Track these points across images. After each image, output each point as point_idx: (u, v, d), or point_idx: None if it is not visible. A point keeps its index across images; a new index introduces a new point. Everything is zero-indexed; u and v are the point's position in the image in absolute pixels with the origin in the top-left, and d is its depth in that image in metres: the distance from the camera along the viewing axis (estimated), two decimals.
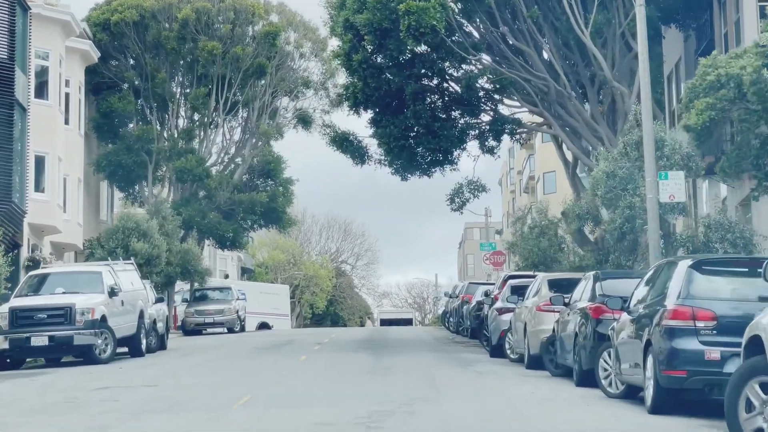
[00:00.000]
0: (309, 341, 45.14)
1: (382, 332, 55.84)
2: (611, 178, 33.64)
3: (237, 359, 33.61)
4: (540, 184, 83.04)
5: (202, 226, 63.90)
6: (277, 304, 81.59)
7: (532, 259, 54.54)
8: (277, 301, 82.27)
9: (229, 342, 46.56)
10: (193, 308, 60.01)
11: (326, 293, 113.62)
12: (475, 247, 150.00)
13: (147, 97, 65.00)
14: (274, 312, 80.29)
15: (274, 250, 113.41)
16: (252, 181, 67.92)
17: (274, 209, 66.28)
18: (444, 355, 34.06)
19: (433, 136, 38.55)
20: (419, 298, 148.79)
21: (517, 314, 29.53)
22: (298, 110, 69.40)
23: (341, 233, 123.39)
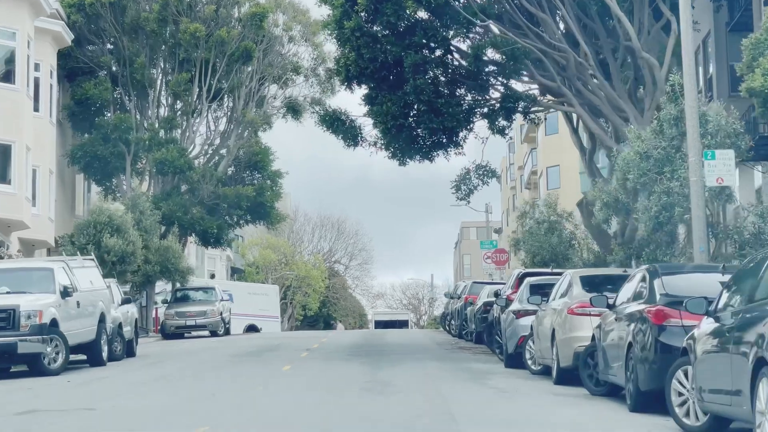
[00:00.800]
0: (297, 346, 40.11)
1: (377, 336, 50.81)
2: (645, 159, 28.57)
3: (209, 370, 28.53)
4: (543, 179, 78.03)
5: (183, 221, 58.78)
6: (267, 305, 76.38)
7: (541, 256, 49.55)
8: (267, 302, 77.00)
9: (209, 347, 41.49)
10: (173, 310, 54.89)
11: (319, 294, 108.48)
12: (472, 246, 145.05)
13: (125, 84, 59.90)
14: (263, 314, 75.09)
15: (265, 249, 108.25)
16: (238, 173, 62.81)
17: (261, 204, 61.18)
18: (451, 364, 28.98)
19: (436, 114, 33.25)
20: (414, 299, 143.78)
21: (539, 318, 24.46)
22: (287, 98, 64.28)
23: (334, 232, 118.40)
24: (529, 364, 25.44)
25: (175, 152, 58.17)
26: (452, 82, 34.84)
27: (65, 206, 57.19)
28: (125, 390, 22.91)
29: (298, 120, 63.92)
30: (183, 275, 56.06)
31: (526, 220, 54.71)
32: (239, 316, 71.49)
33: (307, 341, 44.51)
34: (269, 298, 77.75)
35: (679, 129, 28.12)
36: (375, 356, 32.79)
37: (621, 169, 29.09)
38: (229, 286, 76.21)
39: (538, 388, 21.62)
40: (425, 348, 38.68)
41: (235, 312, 71.25)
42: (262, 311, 74.93)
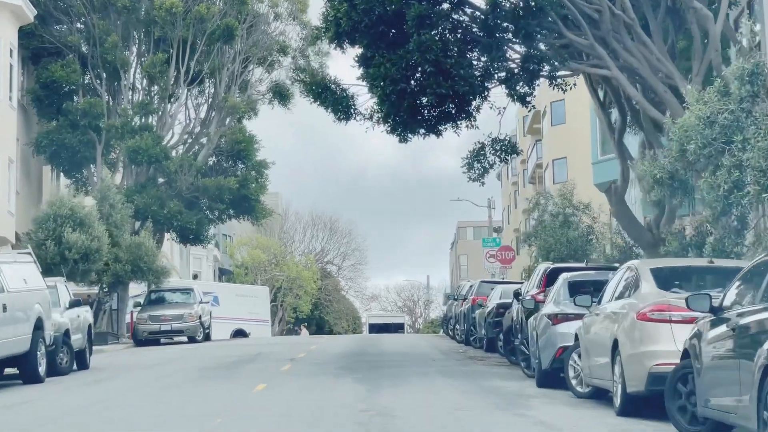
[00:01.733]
0: (280, 355, 34.10)
1: (373, 342, 44.74)
2: (708, 126, 22.51)
3: (164, 389, 22.45)
4: (549, 172, 71.99)
5: (159, 216, 52.64)
6: (256, 308, 69.98)
7: (558, 252, 43.52)
8: (256, 304, 70.54)
9: (180, 357, 35.44)
10: (146, 314, 48.77)
11: (310, 296, 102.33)
12: (469, 247, 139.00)
13: (96, 66, 53.79)
14: (252, 317, 68.74)
15: (254, 249, 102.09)
16: (219, 164, 56.65)
17: (245, 197, 55.03)
18: (467, 382, 22.89)
19: (445, 77, 26.93)
20: (409, 301, 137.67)
21: (587, 324, 18.39)
22: (273, 83, 58.13)
23: (327, 231, 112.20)
24: (573, 385, 19.32)
25: (149, 140, 52.07)
26: (464, 41, 28.59)
27: (30, 200, 51.15)
28: (43, 420, 16.84)
29: (285, 106, 57.84)
30: (157, 275, 49.90)
31: (538, 213, 48.75)
32: (225, 320, 65.36)
33: (294, 349, 38.48)
34: (259, 300, 71.40)
35: (755, 88, 22.08)
36: (371, 370, 26.74)
37: (678, 139, 23.00)
38: (214, 287, 70.05)
39: (597, 422, 15.54)
40: (429, 358, 32.62)
41: (221, 316, 65.21)
42: (251, 315, 68.62)
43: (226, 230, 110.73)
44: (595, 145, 57.13)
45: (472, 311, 40.50)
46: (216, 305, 66.23)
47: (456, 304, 47.48)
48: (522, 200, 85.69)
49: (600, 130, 57.79)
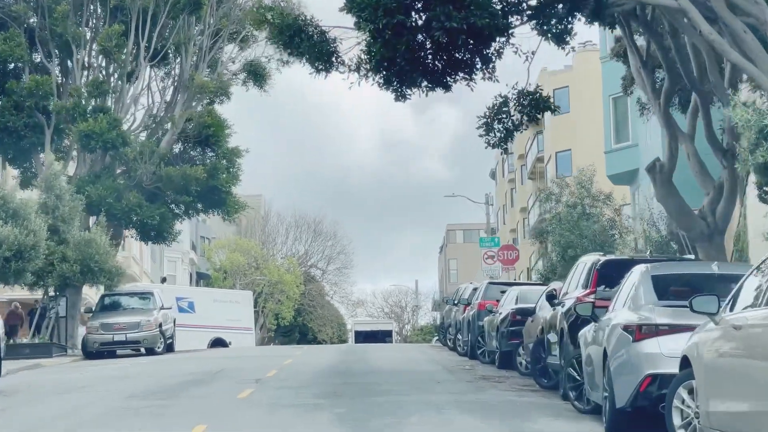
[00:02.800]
0: (246, 373, 26.90)
1: (360, 354, 37.47)
2: None
3: None
4: (551, 166, 64.77)
5: (116, 210, 45.24)
6: (237, 314, 62.04)
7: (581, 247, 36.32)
8: (238, 310, 62.54)
9: (120, 376, 28.12)
10: (97, 321, 41.38)
11: (293, 301, 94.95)
12: (458, 250, 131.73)
13: (44, 40, 46.47)
14: (233, 325, 60.98)
15: (233, 252, 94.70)
16: (186, 152, 49.18)
17: (214, 189, 47.58)
18: (497, 420, 15.61)
19: (458, 7, 19.68)
20: (397, 307, 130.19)
21: (715, 343, 10.99)
22: (247, 62, 50.78)
23: (310, 233, 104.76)
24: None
25: (104, 123, 44.66)
26: None
27: None
28: None
29: (261, 87, 50.48)
30: (111, 277, 42.53)
31: (551, 204, 41.56)
32: (202, 329, 58.07)
33: (265, 364, 31.20)
34: (241, 306, 63.38)
35: None
36: (358, 398, 19.42)
37: None
38: (189, 292, 62.50)
39: None
40: (432, 378, 25.31)
41: (197, 324, 57.98)
42: (232, 322, 60.88)
43: (205, 232, 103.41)
44: (608, 132, 49.95)
45: (479, 318, 33.26)
46: (191, 312, 58.85)
47: (456, 310, 40.22)
48: (520, 198, 78.42)
49: (614, 116, 50.71)
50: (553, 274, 39.17)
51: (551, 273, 39.19)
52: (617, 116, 50.94)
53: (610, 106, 51.07)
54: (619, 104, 50.97)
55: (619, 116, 50.78)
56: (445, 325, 45.45)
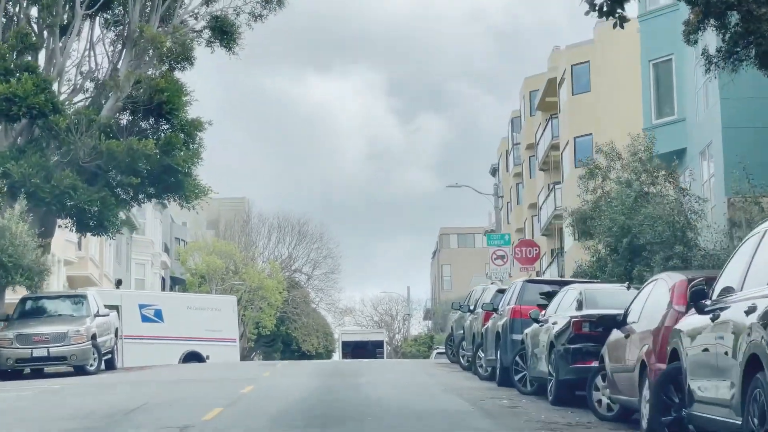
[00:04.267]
0: (175, 413, 17.44)
1: (347, 377, 27.60)
2: None
3: None
4: (569, 153, 54.97)
5: (44, 192, 35.33)
6: (218, 323, 51.14)
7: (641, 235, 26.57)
8: (218, 319, 51.51)
9: None
10: (13, 332, 31.53)
11: (275, 309, 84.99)
12: (452, 255, 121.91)
13: None
14: (212, 336, 50.53)
15: (209, 254, 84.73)
16: (135, 123, 39.10)
17: (169, 169, 37.64)
18: None
19: None
20: (387, 315, 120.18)
21: None
22: (212, 17, 40.84)
23: (295, 235, 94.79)
24: None
25: (30, 84, 34.86)
26: None
27: None
28: None
29: (230, 50, 40.58)
30: (30, 275, 32.64)
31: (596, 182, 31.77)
32: (172, 342, 48.10)
33: (216, 392, 21.54)
34: (222, 314, 52.20)
35: None
36: None
37: None
38: (155, 299, 52.13)
39: None
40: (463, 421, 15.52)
41: (165, 335, 48.19)
42: (211, 332, 50.26)
43: (181, 233, 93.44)
44: (647, 106, 40.39)
45: (513, 330, 23.48)
46: (158, 321, 48.79)
47: (472, 318, 30.40)
48: (528, 194, 68.51)
49: (655, 86, 41.26)
50: (601, 272, 29.41)
51: (599, 270, 29.44)
52: (659, 86, 41.49)
53: (650, 74, 41.71)
54: (661, 71, 41.55)
55: (662, 86, 41.27)
56: (454, 338, 35.60)
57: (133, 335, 47.86)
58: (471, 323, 30.47)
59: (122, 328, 46.88)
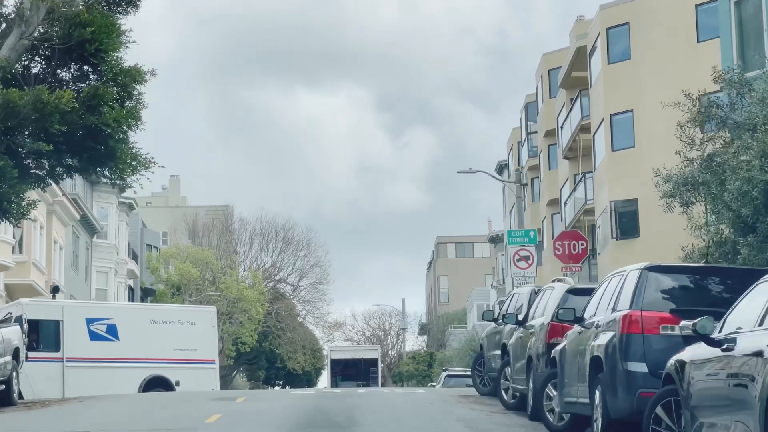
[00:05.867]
0: None
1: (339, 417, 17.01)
2: None
3: None
4: (603, 135, 44.40)
5: None
6: (192, 340, 39.28)
7: None
8: (192, 335, 39.58)
9: None
10: None
11: (256, 323, 74.21)
12: (450, 266, 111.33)
13: None
14: (185, 356, 38.96)
15: (183, 262, 73.98)
16: (50, 70, 28.40)
17: (96, 132, 26.97)
18: None
19: None
20: (380, 330, 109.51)
21: None
22: None
23: (279, 242, 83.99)
24: None
25: None
26: None
27: None
28: None
29: None
30: None
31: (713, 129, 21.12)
32: (130, 364, 36.90)
33: None
34: (197, 329, 40.00)
35: None
36: None
37: None
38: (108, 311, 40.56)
39: None
40: None
41: (122, 357, 37.25)
42: (183, 352, 38.48)
43: (152, 239, 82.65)
44: (728, 57, 30.28)
45: (627, 353, 12.86)
46: (112, 339, 37.67)
47: (523, 334, 19.79)
48: (548, 188, 57.78)
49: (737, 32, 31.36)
50: (725, 259, 18.86)
51: (723, 256, 18.88)
52: (743, 32, 31.49)
53: (732, 15, 31.59)
54: (745, 11, 31.50)
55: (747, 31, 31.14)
56: (486, 360, 24.92)
57: (79, 357, 37.04)
58: (523, 341, 19.85)
59: (64, 349, 36.59)
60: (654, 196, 43.28)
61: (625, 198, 43.63)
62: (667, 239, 41.33)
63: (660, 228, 42.28)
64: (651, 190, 43.59)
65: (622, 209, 43.73)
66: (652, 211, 42.78)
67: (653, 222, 42.60)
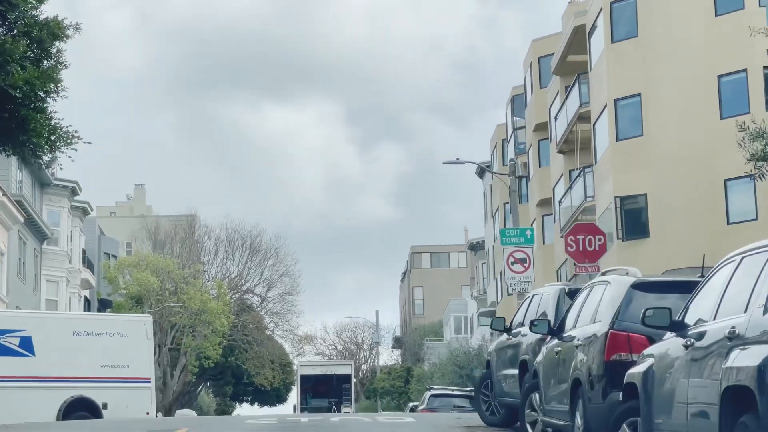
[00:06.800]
0: None
1: None
2: None
3: None
4: (606, 123, 38.85)
5: None
6: (122, 356, 33.15)
7: None
8: (123, 350, 33.43)
9: None
10: None
11: (220, 336, 68.19)
12: (425, 276, 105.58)
13: None
14: (115, 374, 32.90)
15: (142, 271, 67.87)
16: None
17: (2, 96, 21.24)
18: None
19: None
20: (352, 343, 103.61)
21: None
22: None
23: (246, 250, 77.96)
24: None
25: None
26: None
27: None
28: None
29: None
30: None
31: None
32: (49, 383, 30.67)
33: None
34: (129, 342, 34.05)
35: None
36: None
37: None
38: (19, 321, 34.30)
39: None
40: None
41: (38, 375, 31.14)
42: (113, 369, 32.43)
43: (110, 248, 76.54)
44: None
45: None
46: (25, 354, 31.46)
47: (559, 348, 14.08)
48: (538, 187, 52.13)
49: None
50: None
51: None
52: None
53: None
54: None
55: None
56: (496, 382, 19.15)
57: None
58: (562, 358, 14.11)
59: None
60: (667, 190, 38.01)
61: (632, 193, 38.11)
62: (682, 240, 35.88)
63: (674, 227, 36.80)
64: (662, 183, 38.23)
65: (628, 206, 38.21)
66: (664, 208, 37.33)
67: (666, 220, 37.12)
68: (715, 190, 36.50)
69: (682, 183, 36.90)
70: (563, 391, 13.76)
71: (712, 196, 36.49)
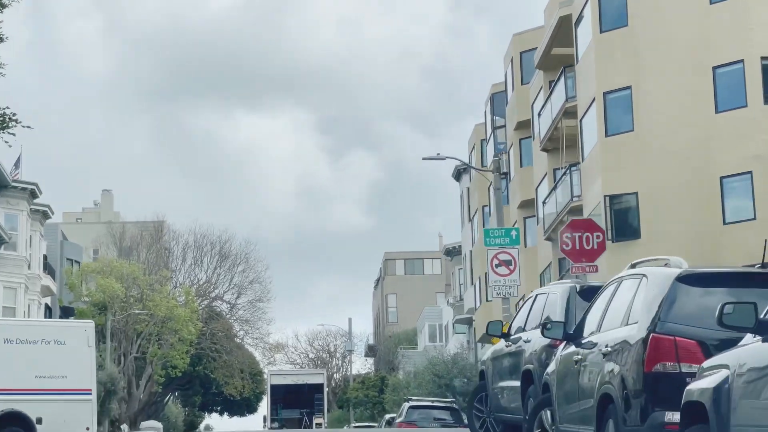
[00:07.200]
0: None
1: None
2: None
3: None
4: (594, 117, 36.47)
5: None
6: (60, 366, 30.22)
7: None
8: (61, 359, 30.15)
9: None
10: None
11: (188, 345, 65.39)
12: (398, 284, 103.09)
13: None
14: (52, 386, 29.99)
15: (106, 277, 64.99)
16: None
17: None
18: None
19: None
20: (324, 351, 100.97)
21: None
22: None
23: (215, 256, 75.20)
24: None
25: None
26: None
27: None
28: None
29: None
30: None
31: None
32: None
33: None
34: (67, 350, 31.25)
35: None
36: None
37: None
38: None
39: None
40: None
41: None
42: (47, 381, 29.21)
43: (74, 253, 73.61)
44: None
45: None
46: None
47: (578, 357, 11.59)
48: (520, 188, 49.72)
49: None
50: None
51: None
52: None
53: None
54: None
55: None
56: (493, 395, 16.64)
57: None
58: (583, 367, 11.61)
59: None
60: (659, 188, 35.67)
61: (622, 192, 35.72)
62: (675, 241, 33.51)
63: (667, 227, 34.41)
64: (655, 180, 36.02)
65: (618, 206, 35.81)
66: (657, 207, 34.96)
67: (658, 220, 34.73)
68: (711, 189, 34.18)
69: (675, 181, 34.54)
70: (586, 409, 11.25)
71: (707, 195, 34.16)
